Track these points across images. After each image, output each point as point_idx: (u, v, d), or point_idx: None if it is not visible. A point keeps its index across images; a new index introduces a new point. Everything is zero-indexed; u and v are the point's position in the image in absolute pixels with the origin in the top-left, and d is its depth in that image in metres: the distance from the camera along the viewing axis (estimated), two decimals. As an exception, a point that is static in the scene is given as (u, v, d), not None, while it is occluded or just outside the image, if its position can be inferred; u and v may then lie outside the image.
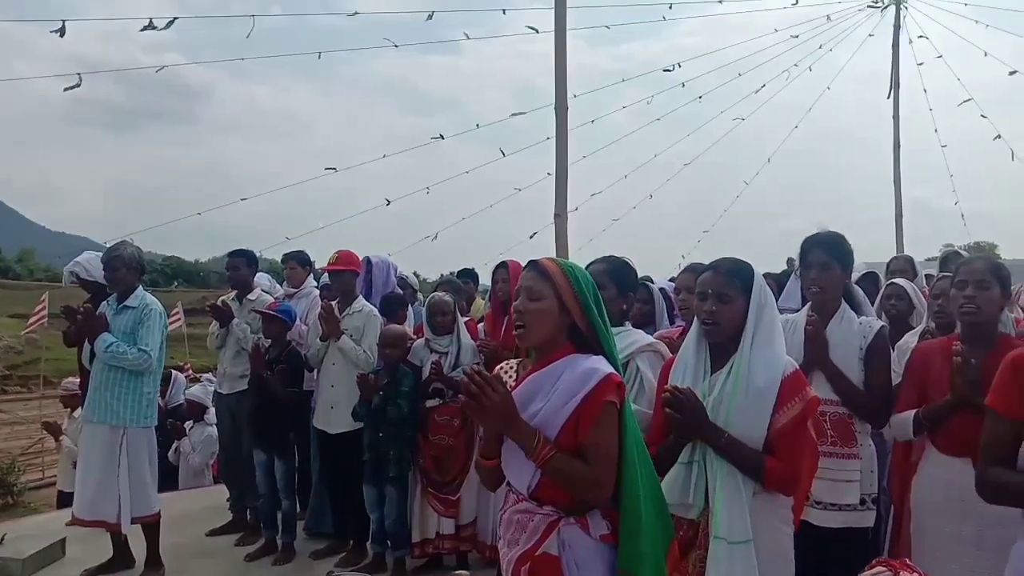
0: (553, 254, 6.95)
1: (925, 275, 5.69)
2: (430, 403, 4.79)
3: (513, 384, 2.21)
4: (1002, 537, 2.32)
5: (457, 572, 4.52)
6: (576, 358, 2.13)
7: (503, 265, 5.08)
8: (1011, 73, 12.20)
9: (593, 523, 2.10)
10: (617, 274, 3.20)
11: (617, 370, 2.15)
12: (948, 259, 5.50)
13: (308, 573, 4.82)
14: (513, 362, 2.36)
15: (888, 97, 12.93)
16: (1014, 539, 2.09)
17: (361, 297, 5.31)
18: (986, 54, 12.52)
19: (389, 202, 10.49)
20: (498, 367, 2.36)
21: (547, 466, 2.04)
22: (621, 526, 2.09)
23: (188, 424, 7.47)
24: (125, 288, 4.80)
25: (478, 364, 4.80)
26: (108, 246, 5.04)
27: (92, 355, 4.80)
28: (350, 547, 5.14)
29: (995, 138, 12.64)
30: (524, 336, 2.16)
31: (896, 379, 3.28)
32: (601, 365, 2.10)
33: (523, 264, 5.29)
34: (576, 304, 2.13)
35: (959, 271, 3.02)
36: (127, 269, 4.79)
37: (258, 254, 6.56)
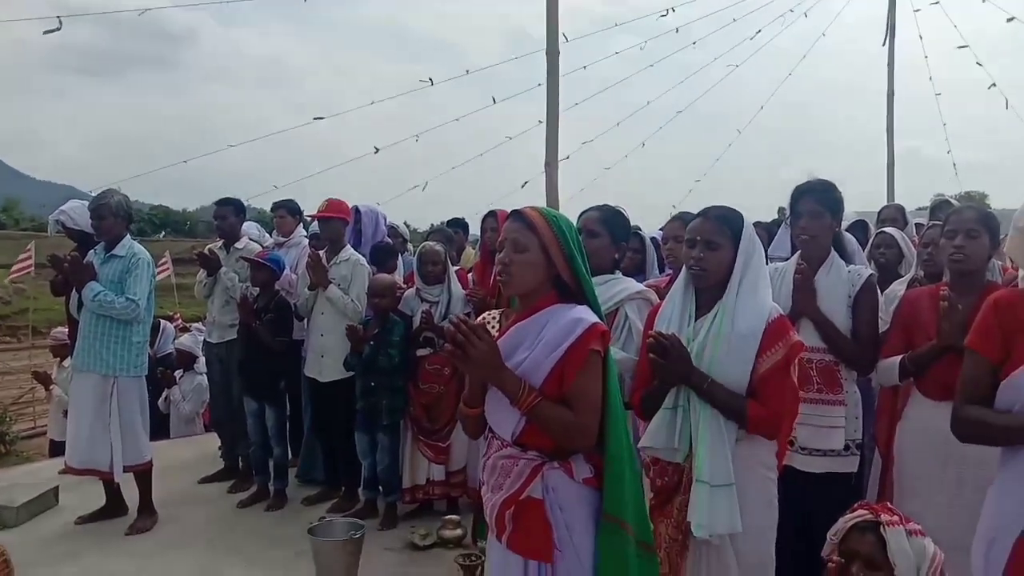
0: (544, 203, 6.92)
1: (915, 224, 5.70)
2: (421, 352, 4.81)
3: (496, 334, 2.21)
4: (983, 479, 2.36)
5: (447, 517, 4.59)
6: (560, 308, 2.14)
7: (492, 214, 5.06)
8: (1009, 20, 12.02)
9: (577, 467, 2.13)
10: (611, 222, 3.20)
11: (601, 319, 2.16)
12: (938, 208, 5.50)
13: (300, 519, 4.87)
14: (495, 312, 2.37)
15: (883, 44, 12.76)
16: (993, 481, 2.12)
17: (349, 246, 5.29)
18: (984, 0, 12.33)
19: (378, 150, 10.37)
20: (480, 316, 2.37)
21: (532, 413, 2.06)
22: (606, 472, 2.12)
23: (178, 373, 7.49)
24: (112, 237, 4.76)
25: (467, 314, 4.81)
26: (94, 195, 4.99)
27: (80, 304, 4.79)
28: (342, 493, 5.21)
29: (989, 87, 12.50)
30: (508, 286, 2.17)
31: (884, 326, 3.30)
32: (586, 315, 2.11)
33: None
34: (560, 255, 2.13)
35: (949, 220, 3.02)
36: (114, 217, 4.74)
37: (246, 203, 6.51)
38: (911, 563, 2.04)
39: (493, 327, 2.26)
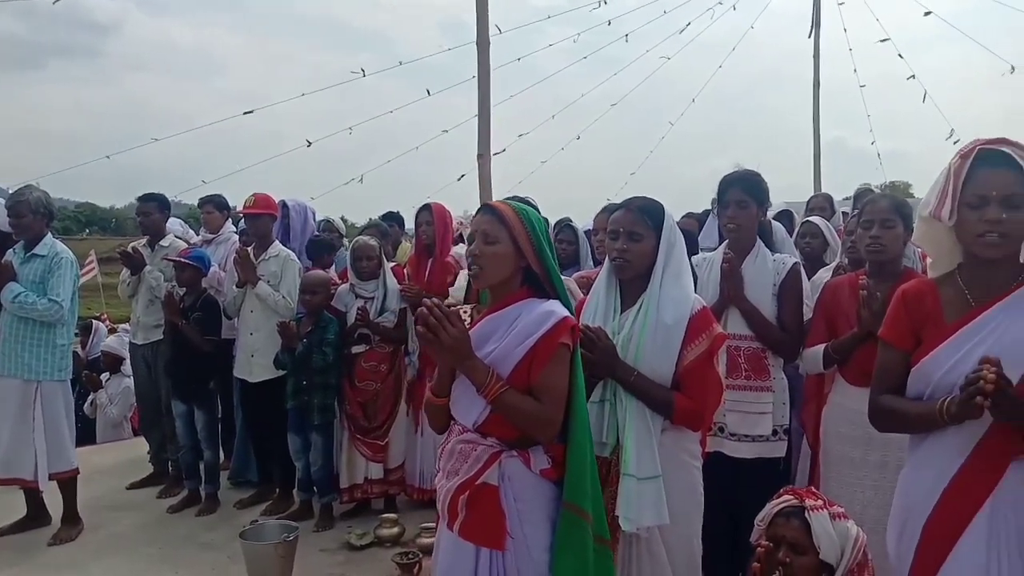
0: (477, 196, 6.90)
1: (842, 213, 5.85)
2: (356, 349, 4.75)
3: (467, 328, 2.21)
4: (904, 460, 2.43)
5: (384, 516, 4.55)
6: (532, 301, 2.16)
7: (426, 207, 5.01)
8: (926, 14, 12.42)
9: (535, 457, 2.13)
10: None
11: (571, 312, 2.18)
12: (860, 196, 5.65)
13: (233, 522, 4.77)
14: (467, 307, 2.36)
15: (809, 36, 13.05)
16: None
17: (277, 242, 5.19)
18: (903, -7, 12.70)
19: (310, 143, 10.18)
20: (452, 308, 2.36)
21: (498, 401, 2.06)
22: (568, 461, 2.12)
23: (105, 376, 7.26)
24: (33, 235, 4.58)
25: (404, 308, 4.78)
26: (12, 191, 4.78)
27: (-1, 307, 4.59)
28: (276, 495, 5.11)
29: (909, 78, 12.89)
30: (479, 278, 2.18)
31: (809, 314, 3.38)
32: (557, 308, 2.13)
33: (445, 206, 5.23)
34: (530, 246, 2.15)
35: (864, 211, 3.11)
36: (34, 215, 4.56)
37: (174, 198, 6.32)
38: (835, 546, 2.10)
39: (465, 321, 2.26)
